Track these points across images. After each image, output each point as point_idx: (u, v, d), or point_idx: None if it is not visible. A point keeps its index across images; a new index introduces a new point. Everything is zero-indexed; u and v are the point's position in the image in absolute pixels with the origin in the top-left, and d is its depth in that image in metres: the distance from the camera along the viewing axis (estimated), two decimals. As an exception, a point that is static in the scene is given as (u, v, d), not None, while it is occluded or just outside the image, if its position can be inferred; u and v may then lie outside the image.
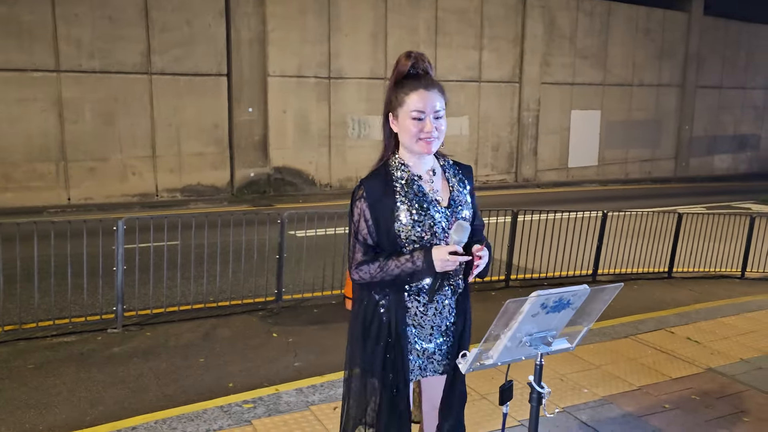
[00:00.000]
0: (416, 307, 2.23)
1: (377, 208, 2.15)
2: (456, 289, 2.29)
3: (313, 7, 14.01)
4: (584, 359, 4.81)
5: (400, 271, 2.12)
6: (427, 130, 2.11)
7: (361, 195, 2.17)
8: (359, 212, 2.17)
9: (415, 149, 2.17)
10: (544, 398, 1.95)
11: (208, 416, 3.70)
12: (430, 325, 2.26)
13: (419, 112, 2.11)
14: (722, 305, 6.77)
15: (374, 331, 2.22)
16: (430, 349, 2.28)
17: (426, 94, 2.12)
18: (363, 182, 2.20)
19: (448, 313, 2.29)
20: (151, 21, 12.32)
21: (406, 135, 2.15)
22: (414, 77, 2.16)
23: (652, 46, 19.97)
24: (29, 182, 11.61)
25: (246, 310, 6.13)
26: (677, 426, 3.85)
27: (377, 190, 2.17)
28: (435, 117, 2.13)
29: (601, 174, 19.56)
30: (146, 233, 6.19)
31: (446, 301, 2.27)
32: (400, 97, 2.15)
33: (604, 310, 2.04)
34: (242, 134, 13.55)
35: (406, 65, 2.17)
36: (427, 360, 2.30)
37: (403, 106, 2.14)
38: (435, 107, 2.13)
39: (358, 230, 2.18)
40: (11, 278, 5.63)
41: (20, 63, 11.30)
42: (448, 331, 2.31)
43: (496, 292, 7.29)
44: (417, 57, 2.18)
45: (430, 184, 2.22)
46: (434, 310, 2.25)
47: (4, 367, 4.68)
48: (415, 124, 2.12)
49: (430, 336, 2.27)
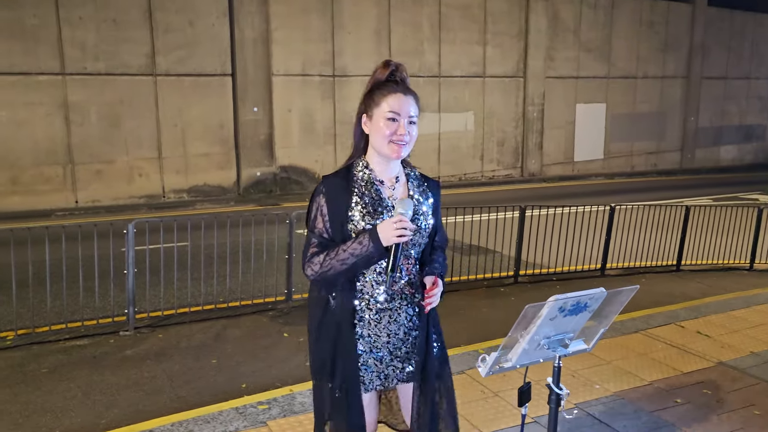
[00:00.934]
0: (370, 316, 2.22)
1: (334, 204, 2.17)
2: (413, 297, 2.26)
3: (316, 5, 14.01)
4: (595, 355, 4.82)
5: (348, 255, 2.09)
6: (400, 132, 2.14)
7: (321, 190, 2.20)
8: (317, 207, 2.19)
9: (384, 151, 2.18)
10: (562, 399, 1.96)
11: (224, 418, 3.73)
12: (386, 333, 2.24)
13: (395, 113, 2.14)
14: (732, 298, 6.76)
15: (324, 334, 2.22)
16: (387, 358, 2.26)
17: (403, 98, 2.16)
18: (324, 179, 2.23)
19: (406, 320, 2.26)
20: (155, 22, 12.35)
21: (379, 136, 2.18)
22: (393, 83, 2.21)
23: (656, 38, 19.89)
24: (36, 185, 11.67)
25: (256, 310, 6.16)
26: (689, 420, 3.85)
27: (337, 187, 2.19)
28: (409, 122, 2.17)
29: (607, 167, 19.52)
30: (155, 235, 6.22)
31: (402, 308, 2.25)
32: (377, 99, 2.18)
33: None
34: (248, 134, 13.58)
35: (384, 73, 2.22)
36: (387, 368, 2.27)
37: (380, 107, 2.17)
38: (410, 112, 2.16)
39: (314, 225, 2.19)
40: (23, 282, 5.68)
41: (25, 67, 11.35)
42: (407, 338, 2.27)
43: (505, 288, 7.29)
44: (396, 66, 2.23)
45: (390, 190, 2.22)
46: (389, 318, 2.23)
47: (19, 372, 4.72)
48: (389, 126, 2.15)
49: (387, 344, 2.25)
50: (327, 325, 2.21)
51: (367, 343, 2.23)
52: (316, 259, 2.14)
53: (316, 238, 2.18)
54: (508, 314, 6.26)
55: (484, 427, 3.67)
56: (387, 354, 2.26)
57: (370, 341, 2.23)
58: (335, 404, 2.22)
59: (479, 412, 3.85)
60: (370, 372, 2.25)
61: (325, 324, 2.21)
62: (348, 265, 2.10)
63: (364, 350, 2.23)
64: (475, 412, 3.85)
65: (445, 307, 6.47)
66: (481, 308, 6.46)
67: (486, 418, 3.78)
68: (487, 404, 3.96)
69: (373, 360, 2.25)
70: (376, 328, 2.23)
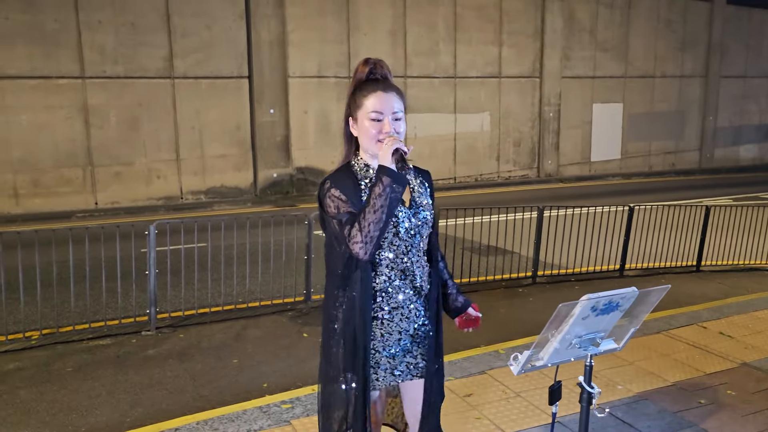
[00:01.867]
0: (383, 315, 2.23)
1: (348, 191, 2.15)
2: (421, 291, 2.28)
3: (332, 7, 14.06)
4: (617, 356, 4.79)
5: (375, 201, 2.04)
6: (386, 130, 2.14)
7: (330, 186, 2.16)
8: (334, 198, 2.13)
9: (374, 151, 2.18)
10: (594, 398, 1.96)
11: (248, 417, 3.76)
12: (397, 331, 2.25)
13: (377, 113, 2.14)
14: (754, 299, 6.68)
15: (337, 334, 2.21)
16: (399, 353, 2.27)
17: (384, 96, 2.15)
18: (329, 179, 2.20)
19: (416, 316, 2.28)
20: (173, 26, 12.46)
21: (365, 137, 2.18)
22: (372, 81, 2.20)
23: (674, 36, 19.71)
24: (57, 187, 11.82)
25: (275, 310, 6.20)
26: (713, 421, 3.82)
27: (344, 180, 2.17)
28: (394, 119, 2.16)
29: (624, 167, 19.37)
30: (176, 236, 6.28)
31: (411, 305, 2.26)
32: (359, 100, 2.18)
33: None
34: (264, 135, 13.65)
35: (363, 71, 2.22)
36: (399, 363, 2.29)
37: (362, 108, 2.17)
38: (393, 108, 2.16)
39: (339, 210, 2.12)
40: (47, 283, 5.76)
41: (46, 71, 11.51)
42: (417, 334, 2.29)
43: (523, 288, 7.27)
44: (375, 63, 2.23)
45: None
46: (400, 315, 2.24)
47: (44, 371, 4.79)
48: (373, 125, 2.14)
49: (398, 341, 2.26)
50: (344, 321, 2.20)
51: (380, 342, 2.25)
52: (354, 230, 2.06)
53: (345, 216, 2.10)
54: (527, 315, 6.25)
55: (507, 427, 3.67)
56: (399, 351, 2.28)
57: (383, 340, 2.25)
58: (353, 404, 2.21)
59: (501, 413, 3.85)
60: (382, 369, 2.27)
61: (342, 320, 2.21)
62: (382, 209, 2.04)
63: (376, 349, 2.25)
64: (498, 413, 3.85)
65: (465, 308, 6.42)
66: (500, 309, 6.45)
67: (509, 419, 3.77)
68: (509, 404, 3.96)
69: (385, 358, 2.27)
70: (389, 326, 2.24)
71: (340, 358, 2.21)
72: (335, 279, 2.22)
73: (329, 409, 2.28)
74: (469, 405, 3.94)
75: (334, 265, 2.23)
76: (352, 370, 2.20)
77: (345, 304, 2.19)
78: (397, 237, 2.19)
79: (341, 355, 2.21)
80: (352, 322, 2.18)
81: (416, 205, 2.26)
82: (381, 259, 2.20)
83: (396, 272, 2.22)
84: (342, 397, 2.23)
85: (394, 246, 2.20)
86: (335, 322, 2.22)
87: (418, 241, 2.24)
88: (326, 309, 2.27)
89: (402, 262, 2.22)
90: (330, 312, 2.24)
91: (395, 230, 2.18)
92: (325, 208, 2.18)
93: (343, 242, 2.11)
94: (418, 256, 2.26)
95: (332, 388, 2.25)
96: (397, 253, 2.21)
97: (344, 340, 2.20)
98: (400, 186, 2.07)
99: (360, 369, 2.18)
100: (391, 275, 2.21)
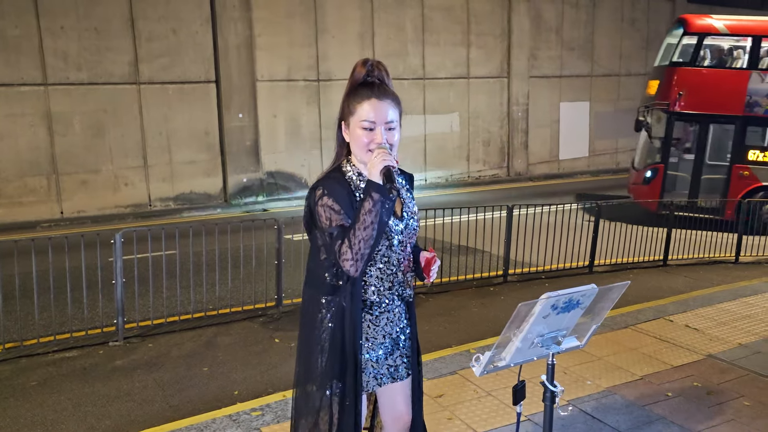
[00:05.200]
0: (369, 320, 2.22)
1: (342, 200, 2.08)
2: (405, 298, 2.29)
3: (300, 9, 13.99)
4: (586, 351, 4.85)
5: (364, 217, 1.98)
6: (378, 141, 2.05)
7: (323, 193, 2.08)
8: (326, 208, 2.05)
9: (365, 159, 2.10)
10: (557, 396, 1.97)
11: (217, 426, 3.71)
12: (382, 334, 2.25)
13: (370, 122, 2.05)
14: (719, 291, 6.83)
15: (322, 342, 2.17)
16: (382, 356, 2.27)
17: (378, 104, 2.06)
18: (322, 185, 2.11)
19: (398, 318, 2.29)
20: (138, 31, 12.28)
21: (357, 145, 2.10)
22: (368, 86, 2.11)
23: (638, 35, 20.06)
24: (21, 197, 11.55)
25: (246, 316, 6.14)
26: (680, 413, 3.89)
27: (337, 187, 2.09)
28: (387, 128, 2.07)
29: (593, 164, 19.64)
30: (143, 244, 6.18)
31: (396, 309, 2.27)
32: (352, 106, 2.09)
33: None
34: (233, 140, 13.52)
35: (361, 73, 2.13)
36: (381, 367, 2.28)
37: (354, 116, 2.08)
38: (387, 118, 2.07)
39: (331, 222, 2.05)
40: (10, 295, 5.62)
41: (7, 78, 11.24)
42: (399, 336, 2.31)
43: (495, 287, 7.32)
44: (373, 65, 2.14)
45: None
46: (386, 320, 2.24)
47: (7, 385, 4.67)
48: (366, 135, 2.06)
49: (382, 344, 2.26)
50: (332, 329, 2.15)
51: (365, 346, 2.23)
52: (344, 247, 2.00)
53: (336, 230, 2.04)
54: (499, 314, 6.29)
55: (479, 426, 3.68)
56: (382, 354, 2.26)
57: (368, 345, 2.24)
58: (337, 412, 2.17)
59: (473, 412, 3.86)
60: (367, 374, 2.25)
61: (329, 329, 2.16)
62: (372, 226, 1.98)
63: (362, 354, 2.23)
64: (469, 412, 3.86)
65: (436, 308, 6.48)
66: (472, 308, 6.48)
67: (480, 418, 3.79)
68: (480, 404, 3.98)
69: (370, 362, 2.25)
70: (374, 330, 2.23)
71: (322, 365, 2.17)
72: (321, 286, 2.16)
73: (303, 415, 2.25)
74: (440, 406, 3.94)
75: (319, 271, 2.17)
76: (338, 378, 2.15)
77: (332, 313, 2.14)
78: (390, 249, 2.17)
79: (325, 362, 2.16)
80: (340, 331, 2.13)
81: (408, 215, 2.24)
82: (372, 271, 2.17)
83: (386, 283, 2.20)
84: (317, 404, 2.19)
85: (386, 258, 2.17)
86: (318, 328, 2.17)
87: (408, 250, 2.24)
88: (307, 313, 2.21)
89: (392, 273, 2.20)
90: (312, 317, 2.18)
91: (388, 243, 2.16)
92: (316, 217, 2.10)
93: (332, 256, 2.05)
94: (405, 264, 2.25)
95: (309, 394, 2.21)
96: (389, 265, 2.19)
97: (330, 347, 2.14)
98: (390, 202, 2.01)
99: (351, 377, 2.15)
100: (380, 287, 2.19)
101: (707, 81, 11.35)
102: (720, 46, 11.69)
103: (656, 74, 12.29)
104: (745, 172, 11.12)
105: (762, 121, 11.23)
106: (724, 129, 11.46)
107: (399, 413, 2.37)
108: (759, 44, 11.21)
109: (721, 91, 11.24)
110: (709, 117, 11.25)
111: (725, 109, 11.23)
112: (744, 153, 11.20)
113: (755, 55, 11.25)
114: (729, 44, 11.69)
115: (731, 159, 11.29)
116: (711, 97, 11.23)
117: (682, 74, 11.37)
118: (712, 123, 11.36)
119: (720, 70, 11.50)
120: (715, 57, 11.62)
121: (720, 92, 11.23)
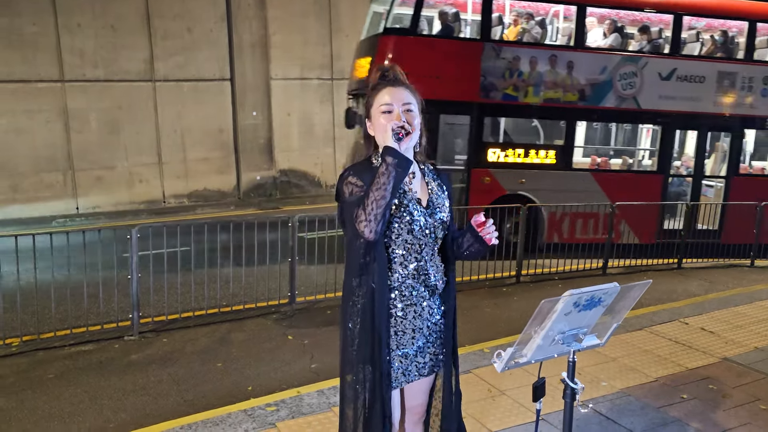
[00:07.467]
0: (396, 312, 2.24)
1: (366, 179, 2.17)
2: (434, 290, 2.29)
3: (314, 9, 14.03)
4: (601, 352, 4.83)
5: (379, 180, 2.07)
6: (396, 118, 2.17)
7: (348, 174, 2.21)
8: (351, 183, 2.18)
9: (390, 145, 2.17)
10: (577, 394, 1.97)
11: (233, 420, 3.74)
12: (411, 329, 2.27)
13: (387, 105, 2.19)
14: (734, 294, 6.79)
15: (356, 334, 2.22)
16: (411, 352, 2.28)
17: (393, 90, 2.21)
18: (349, 168, 2.25)
19: (429, 314, 2.29)
20: (153, 28, 12.37)
21: (379, 131, 2.22)
22: (383, 81, 2.27)
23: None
24: (37, 192, 11.67)
25: (260, 313, 6.17)
26: (695, 416, 3.86)
27: (363, 173, 2.19)
28: (406, 110, 2.19)
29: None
30: (158, 240, 6.23)
31: (424, 303, 2.28)
32: (371, 99, 2.25)
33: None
34: (247, 138, 13.59)
35: (375, 77, 2.30)
36: (410, 363, 2.29)
37: (374, 105, 2.23)
38: (403, 100, 2.20)
39: (351, 194, 2.16)
40: (28, 289, 5.68)
41: (25, 74, 11.36)
42: (431, 332, 2.31)
43: (507, 288, 7.31)
44: (385, 68, 2.31)
45: (409, 185, 2.26)
46: (414, 313, 2.26)
47: (25, 378, 4.72)
48: (385, 117, 2.19)
49: (412, 339, 2.28)
50: (361, 310, 2.20)
51: (394, 340, 2.25)
52: (359, 210, 2.09)
53: (354, 198, 2.14)
54: (512, 314, 6.28)
55: (493, 425, 3.68)
56: (412, 350, 2.28)
57: (396, 339, 2.25)
58: (374, 396, 2.20)
59: (487, 411, 3.86)
60: (395, 370, 2.27)
61: (358, 311, 2.21)
62: (384, 186, 2.07)
63: (390, 347, 2.25)
64: (484, 411, 3.86)
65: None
66: (484, 308, 6.47)
67: (495, 417, 3.78)
68: (494, 403, 3.97)
69: (398, 357, 2.27)
70: (402, 324, 2.25)
71: (353, 352, 2.22)
72: (352, 270, 2.23)
73: (344, 401, 2.30)
74: (454, 404, 3.94)
75: (353, 258, 2.24)
76: (368, 361, 2.19)
77: (362, 293, 2.20)
78: (411, 234, 2.21)
79: (356, 347, 2.21)
80: (369, 313, 2.18)
81: (433, 206, 2.28)
82: (394, 256, 2.22)
83: (409, 271, 2.23)
84: (354, 390, 2.24)
85: (407, 244, 2.21)
86: (351, 312, 2.23)
87: (432, 240, 2.26)
88: (344, 302, 2.29)
89: (414, 260, 2.23)
90: (346, 302, 2.26)
91: (409, 227, 2.20)
92: (341, 196, 2.22)
93: (352, 226, 2.13)
94: (431, 255, 2.27)
95: (347, 384, 2.27)
96: (410, 251, 2.22)
97: (361, 328, 2.20)
98: (403, 167, 2.10)
99: (378, 361, 2.18)
100: (404, 273, 2.23)
101: (433, 55, 8.27)
102: (447, 9, 8.69)
103: (366, 49, 9.10)
104: (486, 178, 8.61)
105: (500, 109, 8.76)
106: (459, 121, 8.60)
107: (414, 404, 2.41)
108: (490, 5, 8.40)
109: (450, 68, 8.32)
110: (438, 104, 7.66)
111: (457, 94, 8.35)
112: (483, 152, 8.64)
113: (487, 21, 8.43)
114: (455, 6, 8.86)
115: (467, 161, 8.60)
116: (439, 76, 8.20)
117: (400, 44, 8.28)
118: (442, 113, 8.24)
119: (448, 41, 8.53)
120: (443, 22, 8.65)
121: (449, 70, 8.32)
